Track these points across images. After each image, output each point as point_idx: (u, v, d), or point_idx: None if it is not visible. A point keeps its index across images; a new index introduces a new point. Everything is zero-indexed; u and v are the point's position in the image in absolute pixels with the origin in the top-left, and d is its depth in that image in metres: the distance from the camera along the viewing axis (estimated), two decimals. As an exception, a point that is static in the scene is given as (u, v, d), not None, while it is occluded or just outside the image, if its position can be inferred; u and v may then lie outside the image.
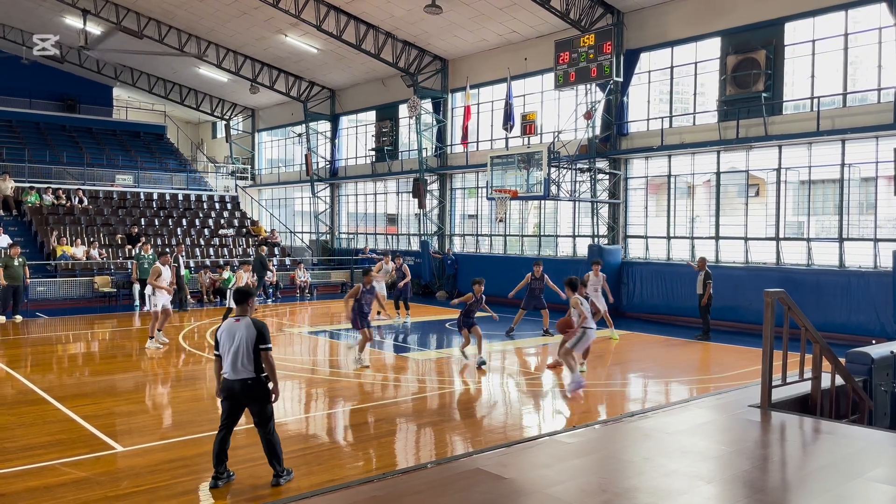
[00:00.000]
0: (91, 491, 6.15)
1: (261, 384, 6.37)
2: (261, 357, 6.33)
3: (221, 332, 6.43)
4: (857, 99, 16.14)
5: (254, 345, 6.29)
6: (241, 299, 6.55)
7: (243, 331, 6.32)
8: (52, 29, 29.08)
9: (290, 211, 37.13)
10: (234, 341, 6.31)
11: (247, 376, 6.29)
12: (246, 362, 6.27)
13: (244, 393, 6.31)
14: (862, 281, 15.38)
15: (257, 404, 6.36)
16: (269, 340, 6.38)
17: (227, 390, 6.36)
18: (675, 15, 18.91)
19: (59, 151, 30.73)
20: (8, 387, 10.43)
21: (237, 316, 6.48)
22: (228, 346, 6.32)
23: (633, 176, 20.50)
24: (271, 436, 6.40)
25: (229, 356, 6.30)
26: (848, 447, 6.06)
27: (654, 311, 18.95)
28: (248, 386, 6.30)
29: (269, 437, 6.39)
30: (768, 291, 7.06)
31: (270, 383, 6.44)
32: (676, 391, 10.81)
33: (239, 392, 6.30)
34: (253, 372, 6.30)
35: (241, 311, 6.51)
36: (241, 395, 6.32)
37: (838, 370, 7.49)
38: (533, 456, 6.06)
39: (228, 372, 6.32)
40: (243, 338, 6.29)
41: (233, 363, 6.28)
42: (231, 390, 6.33)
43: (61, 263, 22.06)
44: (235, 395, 6.33)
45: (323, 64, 28.64)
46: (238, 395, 6.32)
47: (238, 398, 6.34)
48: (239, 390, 6.30)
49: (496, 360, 13.22)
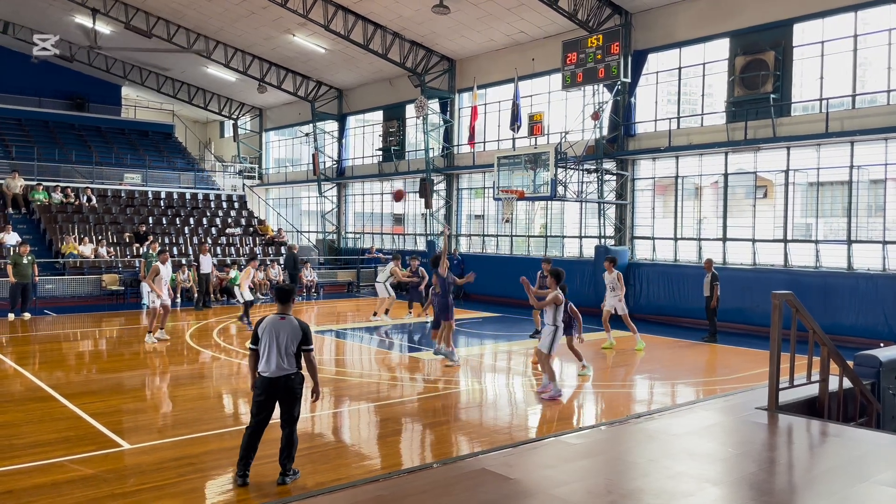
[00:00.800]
0: (98, 488, 6.18)
1: (300, 381, 6.44)
2: (303, 357, 6.43)
3: (264, 329, 6.43)
4: (866, 101, 16.06)
5: (297, 345, 6.38)
6: (285, 298, 6.56)
7: (288, 330, 6.38)
8: (61, 28, 29.29)
9: (296, 210, 37.21)
10: (276, 339, 6.34)
11: (289, 372, 6.35)
12: (288, 360, 6.34)
13: (284, 389, 6.34)
14: (870, 283, 15.30)
15: (292, 401, 6.40)
16: (311, 341, 6.49)
17: (264, 386, 6.36)
18: (683, 16, 18.86)
19: (67, 150, 30.88)
20: (16, 384, 10.49)
21: (280, 314, 6.49)
22: (271, 343, 6.34)
23: (640, 177, 20.46)
24: (294, 435, 6.46)
25: (270, 353, 6.32)
26: (855, 450, 6.03)
27: (660, 313, 18.90)
28: (290, 381, 6.35)
29: (292, 437, 6.43)
30: (776, 293, 7.03)
31: (308, 382, 6.52)
32: (683, 393, 10.78)
33: (280, 388, 6.33)
34: (294, 367, 6.38)
35: (283, 308, 6.53)
36: (280, 391, 6.34)
37: (846, 373, 7.45)
38: (538, 457, 6.06)
39: (267, 368, 6.34)
40: (287, 336, 6.35)
41: (274, 360, 6.31)
42: (269, 386, 6.34)
43: (69, 261, 22.17)
44: (273, 391, 6.34)
45: (330, 64, 28.69)
46: (276, 390, 6.34)
47: (274, 394, 6.36)
48: (280, 386, 6.33)
49: (502, 360, 13.21)
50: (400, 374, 11.88)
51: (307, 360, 6.47)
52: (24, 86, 33.82)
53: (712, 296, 15.03)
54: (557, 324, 10.03)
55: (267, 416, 6.43)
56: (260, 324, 6.52)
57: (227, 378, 11.31)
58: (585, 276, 20.41)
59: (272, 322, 6.45)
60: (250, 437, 6.36)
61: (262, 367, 6.38)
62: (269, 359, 6.34)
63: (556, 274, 10.31)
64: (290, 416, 6.43)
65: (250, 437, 6.36)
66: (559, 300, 10.01)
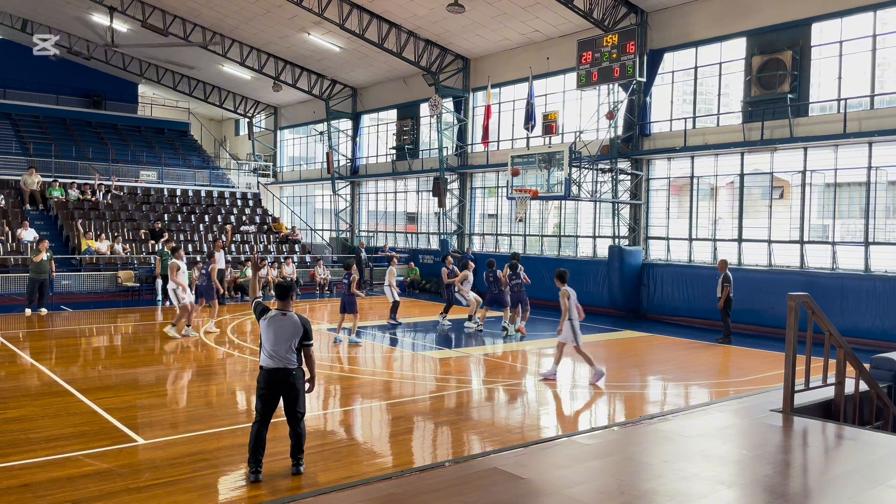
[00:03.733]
0: (112, 482, 6.23)
1: (301, 376, 6.53)
2: (303, 352, 6.51)
3: (266, 324, 6.51)
4: (884, 101, 15.88)
5: (298, 340, 6.45)
6: (284, 294, 6.62)
7: (289, 326, 6.45)
8: (78, 26, 29.57)
9: (310, 208, 37.35)
10: (277, 335, 6.42)
11: (290, 367, 6.42)
12: (289, 356, 6.41)
13: (285, 384, 6.40)
14: (888, 286, 15.14)
15: (295, 396, 6.46)
16: (312, 337, 6.57)
17: (266, 380, 6.43)
18: (699, 15, 18.74)
19: (84, 147, 31.15)
20: (33, 378, 10.60)
21: (281, 310, 6.57)
22: (272, 339, 6.42)
23: (655, 177, 20.35)
24: (303, 429, 6.55)
25: (271, 349, 6.40)
26: (871, 454, 5.98)
27: (674, 314, 18.80)
28: (291, 375, 6.42)
29: (300, 431, 6.51)
30: (792, 295, 6.98)
31: (307, 376, 6.61)
32: (697, 394, 10.72)
33: (281, 382, 6.40)
34: (295, 363, 6.46)
35: (283, 305, 6.60)
36: (281, 385, 6.40)
37: (862, 376, 7.38)
38: (551, 456, 6.04)
39: (269, 363, 6.42)
40: (288, 332, 6.43)
41: (276, 355, 6.39)
42: (271, 380, 6.41)
43: (86, 258, 22.37)
44: (275, 386, 6.41)
45: (345, 62, 28.75)
46: (278, 385, 6.40)
47: (277, 389, 6.42)
48: (281, 380, 6.40)
49: (516, 359, 13.19)
50: (412, 373, 11.90)
51: (307, 356, 6.57)
52: (43, 83, 34.19)
53: (722, 296, 14.93)
54: (572, 317, 10.84)
55: (270, 411, 6.48)
56: (263, 318, 6.59)
57: (241, 374, 11.37)
58: (599, 276, 20.34)
59: (273, 318, 6.52)
60: (258, 432, 6.41)
61: (265, 361, 6.47)
62: (270, 353, 6.41)
63: (560, 276, 11.22)
64: (295, 412, 6.49)
65: (258, 433, 6.41)
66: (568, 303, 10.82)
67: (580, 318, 11.03)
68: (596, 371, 10.89)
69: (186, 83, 35.97)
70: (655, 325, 17.93)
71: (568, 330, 10.82)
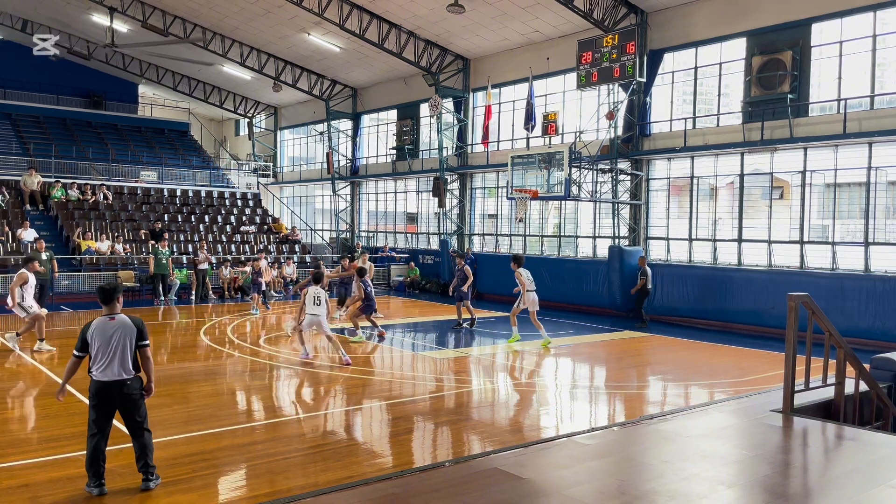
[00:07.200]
0: (112, 482, 6.21)
1: (138, 385, 6.10)
2: (140, 353, 6.10)
3: (92, 333, 6.00)
4: (884, 101, 15.89)
5: (133, 342, 6.04)
6: (108, 297, 6.14)
7: (121, 329, 6.03)
8: (79, 26, 29.58)
9: (310, 208, 37.37)
10: (110, 341, 5.95)
11: (126, 377, 5.98)
12: (125, 362, 5.98)
13: (119, 396, 5.97)
14: (888, 286, 15.13)
15: (135, 404, 6.04)
16: (147, 336, 6.17)
17: (100, 393, 5.93)
18: (699, 15, 18.74)
19: (84, 147, 31.15)
20: (33, 379, 10.60)
21: (109, 314, 6.11)
22: (103, 347, 5.94)
23: (655, 177, 20.35)
24: (147, 440, 6.12)
25: (104, 357, 5.92)
26: (871, 454, 5.98)
27: (674, 314, 18.79)
28: (126, 386, 5.97)
29: (145, 441, 6.09)
30: (792, 295, 6.98)
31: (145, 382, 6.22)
32: (697, 394, 10.72)
33: (116, 394, 5.95)
34: (131, 371, 6.03)
35: (110, 309, 6.14)
36: (117, 397, 5.96)
37: (862, 376, 7.38)
38: (551, 457, 6.04)
39: (101, 374, 5.93)
40: (122, 336, 6.00)
41: (109, 364, 5.92)
42: (103, 393, 5.94)
43: (86, 258, 22.37)
44: (111, 398, 5.95)
45: (345, 62, 28.75)
46: (114, 397, 5.96)
47: (113, 401, 5.97)
48: (116, 392, 5.95)
49: (515, 359, 13.19)
50: (412, 373, 11.90)
51: (143, 357, 6.10)
52: (43, 83, 34.19)
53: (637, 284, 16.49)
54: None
55: (107, 424, 6.02)
56: (87, 329, 6.05)
57: (241, 375, 11.37)
58: (599, 276, 20.33)
59: (101, 325, 6.03)
60: (96, 445, 5.90)
61: (97, 374, 5.94)
62: (102, 364, 5.92)
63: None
64: (135, 422, 6.06)
65: (96, 446, 5.90)
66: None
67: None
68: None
69: (186, 83, 35.98)
70: (655, 325, 17.92)
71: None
